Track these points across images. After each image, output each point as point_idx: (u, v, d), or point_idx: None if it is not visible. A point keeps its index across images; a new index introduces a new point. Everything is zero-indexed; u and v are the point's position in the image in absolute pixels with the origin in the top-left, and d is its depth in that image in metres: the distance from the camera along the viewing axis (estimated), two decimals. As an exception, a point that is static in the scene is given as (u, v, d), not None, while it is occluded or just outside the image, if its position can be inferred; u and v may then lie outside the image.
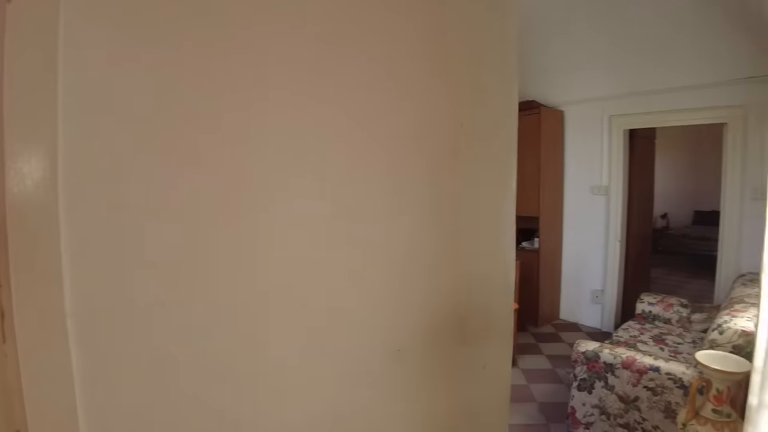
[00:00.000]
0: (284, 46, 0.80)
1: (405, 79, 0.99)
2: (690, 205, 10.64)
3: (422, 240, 1.07)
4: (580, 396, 3.00)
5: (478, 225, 1.24)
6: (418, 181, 1.05)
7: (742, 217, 4.39)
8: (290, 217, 0.83)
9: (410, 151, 1.01)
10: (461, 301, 1.20)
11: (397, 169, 1.00)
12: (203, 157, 0.72)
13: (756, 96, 4.25)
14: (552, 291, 5.69)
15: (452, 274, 1.17)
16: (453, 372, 1.19)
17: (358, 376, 0.97)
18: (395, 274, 1.03)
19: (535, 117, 5.24)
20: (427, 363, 1.11)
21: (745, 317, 2.64)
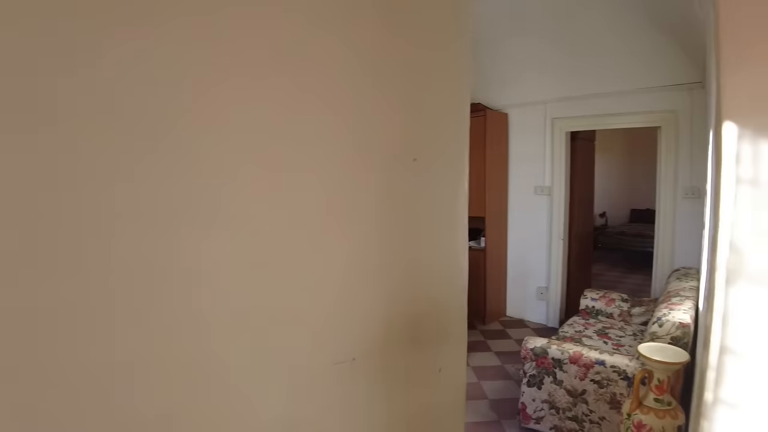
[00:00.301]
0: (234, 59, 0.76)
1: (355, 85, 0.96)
2: (626, 204, 11.16)
3: (375, 245, 1.04)
4: (530, 392, 3.07)
5: (433, 227, 1.22)
6: (368, 185, 1.01)
7: (676, 215, 4.63)
8: (229, 227, 0.78)
9: (360, 156, 0.98)
10: (416, 304, 1.17)
11: (345, 174, 0.96)
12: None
13: (686, 102, 4.51)
14: (498, 289, 5.82)
15: (406, 278, 1.14)
16: (409, 378, 1.16)
17: (311, 390, 0.93)
18: (348, 280, 0.99)
19: (481, 119, 5.34)
20: (382, 371, 1.08)
21: (681, 310, 2.78)
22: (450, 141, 1.26)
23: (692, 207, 4.50)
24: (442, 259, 1.27)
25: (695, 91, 4.44)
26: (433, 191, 1.21)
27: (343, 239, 0.97)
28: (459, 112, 1.30)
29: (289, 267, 0.88)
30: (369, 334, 1.03)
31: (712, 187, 1.30)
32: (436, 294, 1.25)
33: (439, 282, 1.26)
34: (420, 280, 1.18)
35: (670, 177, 4.65)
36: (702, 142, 4.35)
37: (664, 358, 2.40)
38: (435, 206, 1.22)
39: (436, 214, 1.23)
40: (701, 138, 4.38)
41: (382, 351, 1.06)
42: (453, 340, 1.32)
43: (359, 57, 0.96)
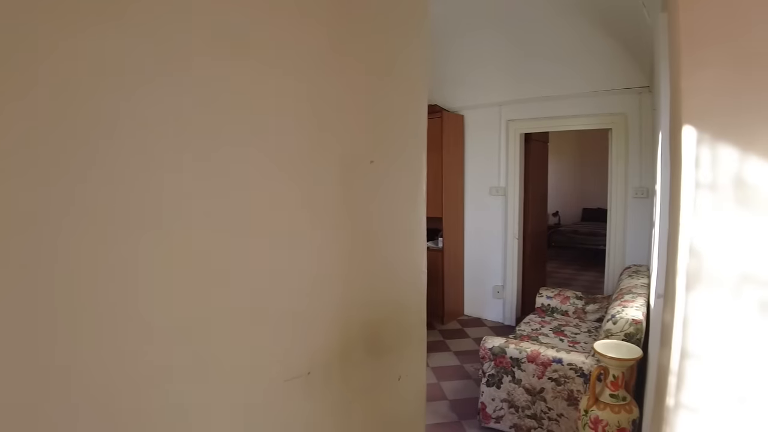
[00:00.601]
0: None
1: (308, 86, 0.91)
2: (578, 203, 11.47)
3: (331, 250, 0.99)
4: (490, 391, 3.09)
5: (391, 230, 1.19)
6: (325, 188, 0.97)
7: (626, 214, 4.78)
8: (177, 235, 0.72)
9: (315, 158, 0.93)
10: (376, 310, 1.13)
11: (298, 177, 0.91)
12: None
13: (635, 105, 4.66)
14: (456, 288, 5.86)
15: (365, 284, 1.10)
16: (368, 389, 1.11)
17: (260, 409, 0.86)
18: (302, 289, 0.93)
19: (438, 121, 5.37)
20: (340, 383, 1.03)
21: (634, 307, 2.85)
22: (407, 143, 1.24)
23: (642, 206, 4.66)
24: (401, 262, 1.23)
25: (644, 95, 4.60)
26: (392, 194, 1.17)
27: (296, 246, 0.91)
28: (416, 114, 1.27)
29: (235, 276, 0.81)
30: (326, 345, 0.98)
31: (668, 191, 1.32)
32: (395, 298, 1.22)
33: (398, 286, 1.23)
34: (379, 285, 1.14)
35: (620, 177, 4.79)
36: (650, 143, 4.52)
37: (618, 354, 2.45)
38: (393, 209, 1.18)
39: (395, 217, 1.19)
40: (649, 140, 4.54)
41: (340, 362, 1.01)
42: (413, 345, 1.29)
43: (314, 57, 0.92)
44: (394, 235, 1.19)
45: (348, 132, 1.01)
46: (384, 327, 1.16)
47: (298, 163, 0.90)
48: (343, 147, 1.00)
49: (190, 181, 0.74)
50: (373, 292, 1.12)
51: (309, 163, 0.92)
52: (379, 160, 1.10)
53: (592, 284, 7.59)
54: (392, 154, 1.16)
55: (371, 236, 1.10)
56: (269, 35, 0.83)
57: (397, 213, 1.20)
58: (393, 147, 1.17)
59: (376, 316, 1.12)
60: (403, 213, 1.21)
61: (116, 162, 0.66)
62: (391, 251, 1.19)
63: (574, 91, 4.98)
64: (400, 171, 1.20)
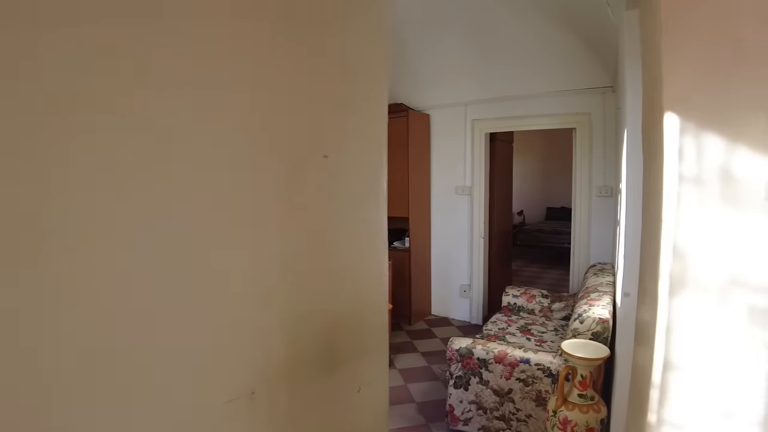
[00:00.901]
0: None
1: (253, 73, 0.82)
2: (543, 202, 11.62)
3: (278, 254, 0.87)
4: (457, 393, 3.04)
5: (349, 230, 1.08)
6: (269, 184, 0.85)
7: (590, 213, 4.82)
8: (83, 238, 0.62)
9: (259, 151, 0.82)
10: (330, 318, 1.03)
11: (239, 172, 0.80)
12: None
13: (599, 105, 4.71)
14: (423, 288, 5.83)
15: (318, 290, 0.98)
16: (324, 404, 1.01)
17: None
18: (244, 299, 0.82)
19: (404, 120, 5.32)
20: (290, 401, 0.92)
21: (600, 306, 2.85)
22: (366, 138, 1.14)
23: (605, 205, 4.70)
24: (361, 264, 1.14)
25: (607, 94, 4.65)
26: (350, 191, 1.07)
27: (236, 249, 0.80)
28: (375, 107, 1.18)
29: (157, 286, 0.70)
30: (273, 359, 0.87)
31: (643, 187, 1.27)
32: (355, 303, 1.12)
33: (358, 289, 1.13)
34: (336, 289, 1.05)
35: (584, 176, 4.83)
36: (614, 143, 4.56)
37: (586, 354, 2.43)
38: (352, 207, 1.09)
39: (354, 215, 1.10)
40: (613, 139, 4.59)
41: (289, 378, 0.91)
42: (374, 352, 1.20)
43: (260, 44, 0.82)
44: (352, 235, 1.09)
45: (295, 123, 0.90)
46: (341, 335, 1.06)
47: (240, 159, 0.79)
48: (292, 139, 0.90)
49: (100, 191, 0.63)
50: (329, 297, 1.02)
51: (254, 157, 0.81)
52: (335, 155, 1.00)
53: (558, 282, 7.68)
54: (349, 148, 1.07)
55: (326, 237, 1.00)
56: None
57: (356, 211, 1.10)
58: (350, 141, 1.07)
59: (333, 324, 1.03)
60: (362, 211, 1.12)
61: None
62: (350, 252, 1.09)
63: (539, 91, 5.00)
64: (359, 167, 1.10)
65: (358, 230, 1.10)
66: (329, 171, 0.98)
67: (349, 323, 1.08)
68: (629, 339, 2.34)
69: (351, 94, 1.07)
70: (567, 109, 4.89)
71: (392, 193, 5.68)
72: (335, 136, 1.01)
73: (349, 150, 1.05)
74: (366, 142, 1.12)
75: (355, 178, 1.08)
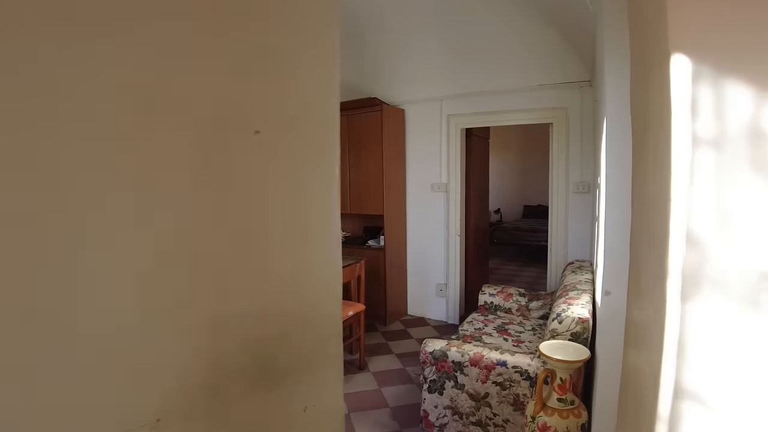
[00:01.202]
0: None
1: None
2: (520, 200, 11.60)
3: (190, 248, 0.70)
4: (432, 398, 2.90)
5: (290, 221, 0.91)
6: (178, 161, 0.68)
7: (568, 209, 4.73)
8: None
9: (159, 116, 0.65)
10: (264, 329, 0.85)
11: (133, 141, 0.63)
12: None
13: (577, 99, 4.62)
14: (399, 287, 5.68)
15: (248, 297, 0.81)
16: (257, 426, 0.82)
17: None
18: (145, 303, 0.66)
19: (377, 115, 5.17)
20: (210, 425, 0.75)
21: (579, 305, 2.73)
22: (313, 114, 0.96)
23: (583, 201, 4.62)
24: (306, 264, 0.95)
25: (584, 89, 4.57)
26: (291, 176, 0.89)
27: (131, 242, 0.63)
28: (325, 78, 1.00)
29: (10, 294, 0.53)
30: (185, 379, 0.70)
31: (633, 165, 1.10)
32: (298, 309, 0.94)
33: (302, 293, 0.95)
34: (271, 292, 0.86)
35: (561, 173, 4.74)
36: (591, 138, 4.48)
37: (565, 356, 2.30)
38: (292, 196, 0.90)
39: (297, 206, 0.91)
40: (590, 134, 4.50)
41: (211, 397, 0.74)
42: (324, 366, 1.02)
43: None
44: (294, 228, 0.92)
45: (211, 90, 0.73)
46: (279, 346, 0.88)
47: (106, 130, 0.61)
48: (206, 109, 0.72)
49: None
50: (264, 301, 0.85)
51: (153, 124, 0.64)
52: (270, 131, 0.83)
53: (535, 280, 7.61)
54: (291, 125, 0.90)
55: (259, 231, 0.83)
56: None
57: (299, 201, 0.93)
58: (292, 116, 0.90)
59: (267, 334, 0.86)
60: (308, 201, 0.95)
61: None
62: (291, 249, 0.92)
63: (515, 85, 4.91)
64: (304, 148, 0.93)
65: (303, 223, 0.93)
66: (262, 151, 0.81)
67: (289, 332, 0.91)
68: (610, 339, 2.23)
69: (293, 58, 0.90)
70: (544, 103, 4.80)
71: (367, 190, 5.58)
72: (272, 110, 0.84)
73: (290, 127, 0.88)
74: (313, 119, 0.95)
75: (298, 161, 0.91)
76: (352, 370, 4.18)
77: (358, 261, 4.27)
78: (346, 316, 3.86)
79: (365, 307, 4.24)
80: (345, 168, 5.52)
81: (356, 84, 5.78)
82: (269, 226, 0.84)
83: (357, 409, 3.46)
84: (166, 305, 0.67)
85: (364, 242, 5.66)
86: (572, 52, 4.49)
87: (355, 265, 4.06)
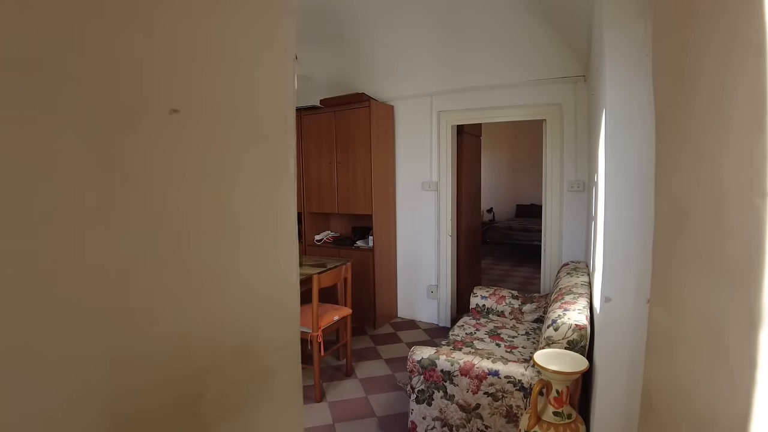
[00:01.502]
0: None
1: None
2: (512, 199, 11.47)
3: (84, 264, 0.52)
4: (420, 409, 2.72)
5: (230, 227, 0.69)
6: (63, 151, 0.50)
7: (562, 208, 4.58)
8: None
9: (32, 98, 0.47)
10: (190, 361, 0.65)
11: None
12: None
13: (570, 94, 4.47)
14: (389, 289, 5.50)
15: (165, 320, 0.62)
16: None
17: None
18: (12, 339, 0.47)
19: (365, 111, 4.99)
20: None
21: (576, 310, 2.56)
22: (256, 87, 0.76)
23: (578, 200, 4.47)
24: (240, 275, 0.75)
25: (579, 84, 4.41)
26: (223, 165, 0.69)
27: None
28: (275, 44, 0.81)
29: None
30: (75, 428, 0.52)
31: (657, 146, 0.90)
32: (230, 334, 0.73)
33: (235, 313, 0.75)
34: (196, 313, 0.66)
35: (556, 170, 4.58)
36: (586, 134, 4.33)
37: (562, 367, 2.14)
38: (232, 191, 0.71)
39: (232, 203, 0.72)
40: (585, 130, 4.35)
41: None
42: (272, 403, 0.83)
43: None
44: (232, 230, 0.73)
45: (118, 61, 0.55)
46: (206, 383, 0.70)
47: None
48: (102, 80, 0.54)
49: None
50: (181, 330, 0.66)
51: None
52: (193, 110, 0.65)
53: (527, 280, 7.46)
54: (225, 102, 0.71)
55: (181, 234, 0.64)
56: None
57: (237, 197, 0.74)
58: (226, 91, 0.71)
59: (189, 369, 0.67)
60: (249, 198, 0.76)
61: None
62: (226, 258, 0.73)
63: (508, 80, 4.74)
64: (247, 131, 0.75)
65: (243, 224, 0.75)
66: (182, 134, 0.63)
67: (221, 363, 0.72)
68: (610, 348, 2.06)
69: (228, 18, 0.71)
70: (537, 99, 4.64)
71: (354, 189, 5.38)
72: (196, 82, 0.65)
73: (223, 105, 0.70)
74: (257, 94, 0.77)
75: (238, 148, 0.73)
76: (338, 376, 4.00)
77: (345, 263, 4.09)
78: (332, 320, 3.68)
79: (352, 310, 4.06)
80: (332, 166, 5.34)
81: (343, 79, 5.60)
82: (190, 228, 0.66)
83: (342, 419, 3.29)
84: (32, 341, 0.48)
85: (353, 243, 5.48)
86: (566, 46, 4.33)
87: (341, 267, 3.88)
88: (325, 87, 5.69)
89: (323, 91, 5.65)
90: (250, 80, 0.75)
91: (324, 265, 4.08)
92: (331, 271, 3.73)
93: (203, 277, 0.68)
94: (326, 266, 3.99)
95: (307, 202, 5.63)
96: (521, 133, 10.92)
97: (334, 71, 5.59)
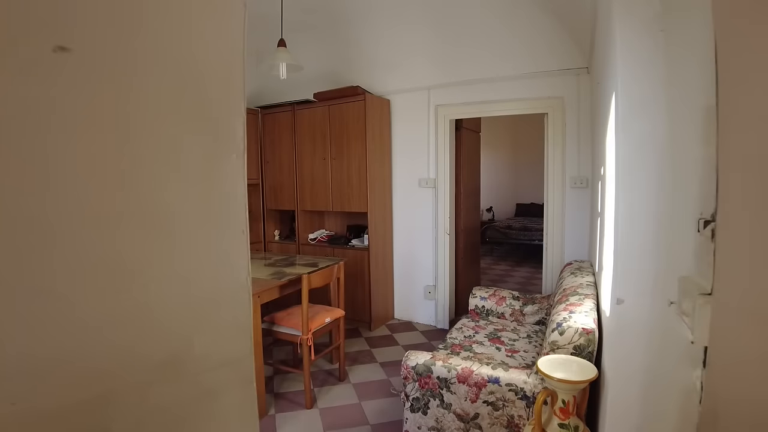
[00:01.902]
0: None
1: None
2: (512, 198, 11.30)
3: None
4: (414, 418, 2.54)
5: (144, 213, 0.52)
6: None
7: (564, 206, 4.40)
8: None
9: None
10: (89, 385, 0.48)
11: None
12: None
13: (573, 87, 4.29)
14: (385, 290, 5.32)
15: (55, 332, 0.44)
16: None
17: None
18: None
19: (360, 105, 4.81)
20: None
21: (582, 312, 2.38)
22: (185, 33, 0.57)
23: (580, 197, 4.29)
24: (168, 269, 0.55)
25: (582, 76, 4.24)
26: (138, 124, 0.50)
27: None
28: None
29: None
30: None
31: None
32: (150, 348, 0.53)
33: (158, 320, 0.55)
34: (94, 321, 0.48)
35: (557, 166, 4.41)
36: (588, 128, 4.15)
37: (568, 375, 1.96)
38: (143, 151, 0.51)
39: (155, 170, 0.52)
40: (588, 125, 4.17)
41: None
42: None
43: None
44: (154, 213, 0.54)
45: None
46: (114, 413, 0.51)
47: None
48: None
49: None
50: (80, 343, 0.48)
51: None
52: (83, 47, 0.47)
53: (528, 281, 7.27)
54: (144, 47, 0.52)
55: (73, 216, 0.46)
56: None
57: (162, 169, 0.55)
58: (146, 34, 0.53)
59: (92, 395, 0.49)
60: (178, 168, 0.58)
61: None
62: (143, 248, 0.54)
63: (508, 73, 4.56)
64: (174, 86, 0.56)
65: (168, 204, 0.56)
66: (71, 80, 0.45)
67: (146, 385, 0.54)
68: (622, 354, 1.88)
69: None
70: (538, 92, 4.46)
71: (349, 186, 5.18)
72: (95, 15, 0.47)
73: (141, 49, 0.51)
74: (194, 42, 0.59)
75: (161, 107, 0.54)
76: (331, 381, 3.82)
77: (337, 262, 3.91)
78: (323, 322, 3.50)
79: (346, 312, 3.88)
80: (326, 162, 5.15)
81: (337, 72, 5.42)
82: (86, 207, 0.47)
83: (333, 427, 3.10)
84: None
85: (348, 242, 5.29)
86: (568, 37, 4.16)
87: (333, 267, 3.69)
88: (318, 80, 5.50)
89: (316, 84, 5.47)
90: (180, 23, 0.57)
91: (315, 264, 3.90)
92: (323, 270, 3.54)
93: (109, 270, 0.50)
94: (318, 266, 3.81)
95: (300, 199, 5.44)
96: (521, 131, 10.76)
97: (327, 64, 5.41)
